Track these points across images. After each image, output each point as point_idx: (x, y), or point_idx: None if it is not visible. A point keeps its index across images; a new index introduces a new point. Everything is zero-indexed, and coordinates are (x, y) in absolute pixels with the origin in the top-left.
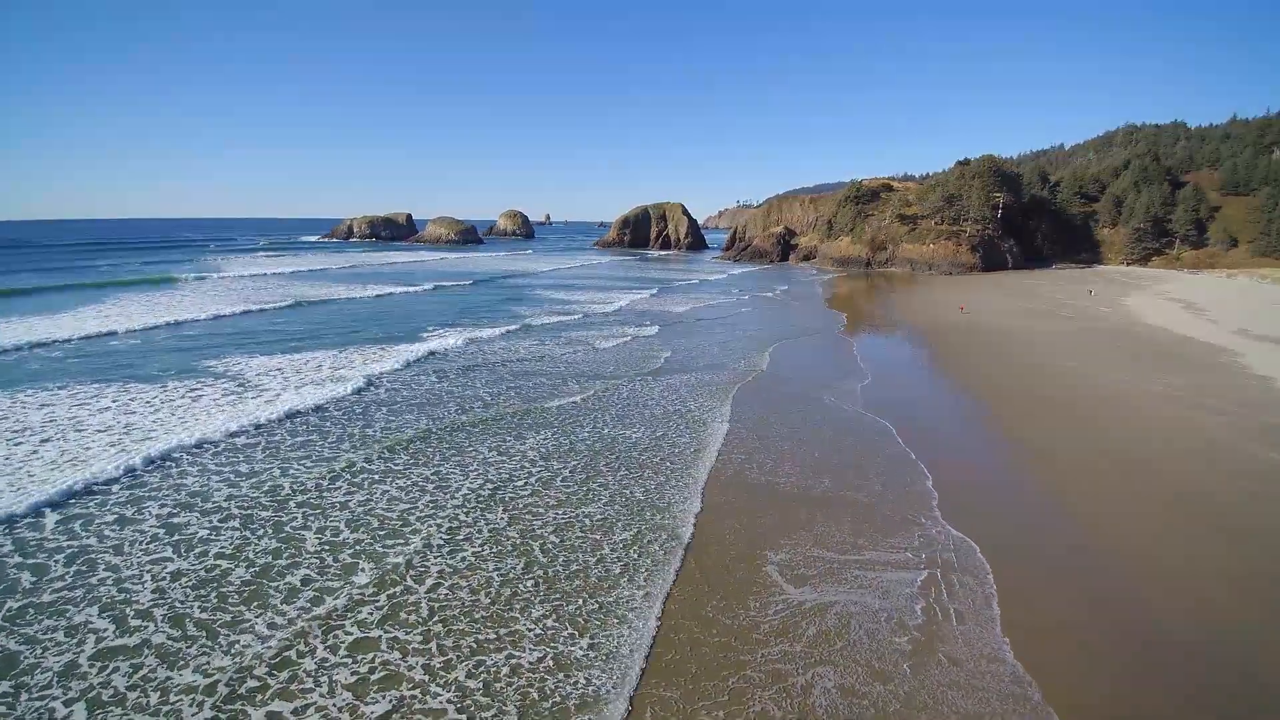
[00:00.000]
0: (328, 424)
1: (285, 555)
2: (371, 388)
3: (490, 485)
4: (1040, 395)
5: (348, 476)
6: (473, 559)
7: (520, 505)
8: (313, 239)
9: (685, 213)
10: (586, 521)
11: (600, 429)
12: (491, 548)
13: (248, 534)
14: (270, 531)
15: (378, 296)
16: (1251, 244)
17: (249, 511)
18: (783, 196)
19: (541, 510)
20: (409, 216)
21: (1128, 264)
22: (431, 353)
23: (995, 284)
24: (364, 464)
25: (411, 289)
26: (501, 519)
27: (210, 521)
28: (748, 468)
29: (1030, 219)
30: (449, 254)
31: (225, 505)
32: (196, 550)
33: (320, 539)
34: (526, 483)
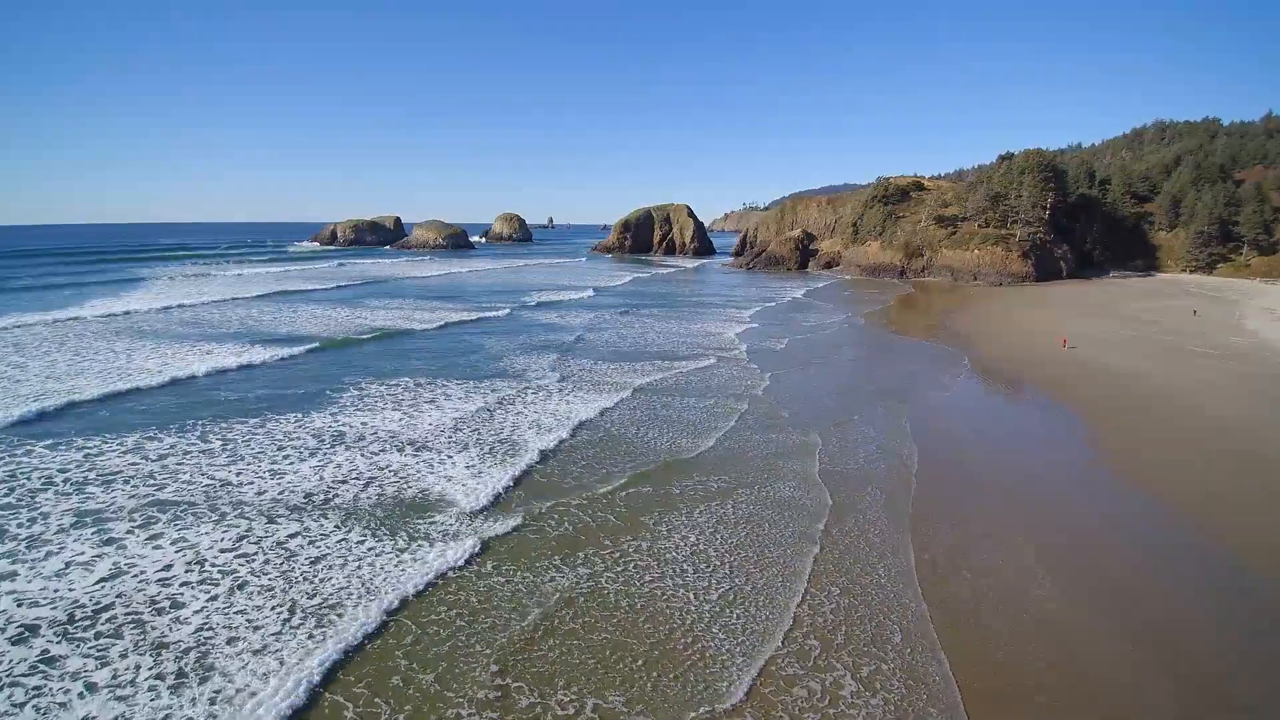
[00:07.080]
0: None
1: None
2: None
3: None
4: None
5: None
6: None
7: None
8: (305, 246)
9: (691, 215)
10: None
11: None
12: None
13: None
14: None
15: (295, 355)
16: None
17: None
18: (795, 198)
19: None
20: (398, 220)
21: (1190, 272)
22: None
23: (1062, 299)
24: None
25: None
26: None
27: None
28: None
29: (1077, 220)
30: (435, 262)
31: None
32: None
33: None
34: None
